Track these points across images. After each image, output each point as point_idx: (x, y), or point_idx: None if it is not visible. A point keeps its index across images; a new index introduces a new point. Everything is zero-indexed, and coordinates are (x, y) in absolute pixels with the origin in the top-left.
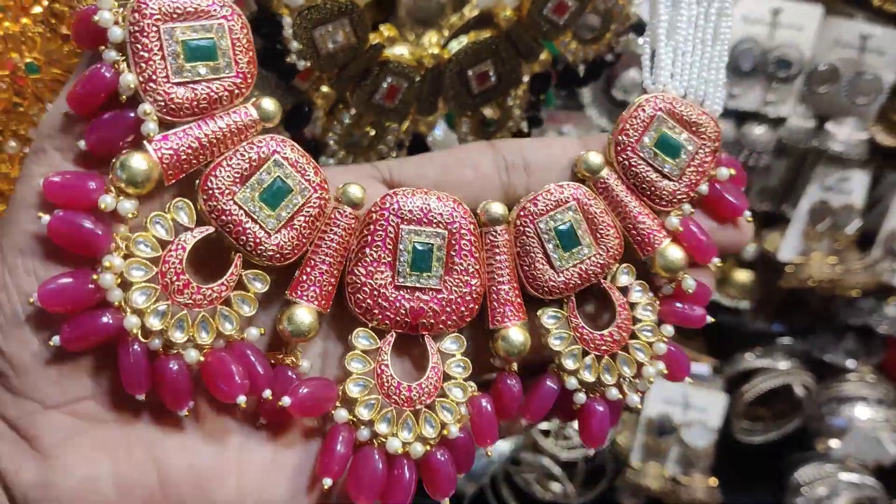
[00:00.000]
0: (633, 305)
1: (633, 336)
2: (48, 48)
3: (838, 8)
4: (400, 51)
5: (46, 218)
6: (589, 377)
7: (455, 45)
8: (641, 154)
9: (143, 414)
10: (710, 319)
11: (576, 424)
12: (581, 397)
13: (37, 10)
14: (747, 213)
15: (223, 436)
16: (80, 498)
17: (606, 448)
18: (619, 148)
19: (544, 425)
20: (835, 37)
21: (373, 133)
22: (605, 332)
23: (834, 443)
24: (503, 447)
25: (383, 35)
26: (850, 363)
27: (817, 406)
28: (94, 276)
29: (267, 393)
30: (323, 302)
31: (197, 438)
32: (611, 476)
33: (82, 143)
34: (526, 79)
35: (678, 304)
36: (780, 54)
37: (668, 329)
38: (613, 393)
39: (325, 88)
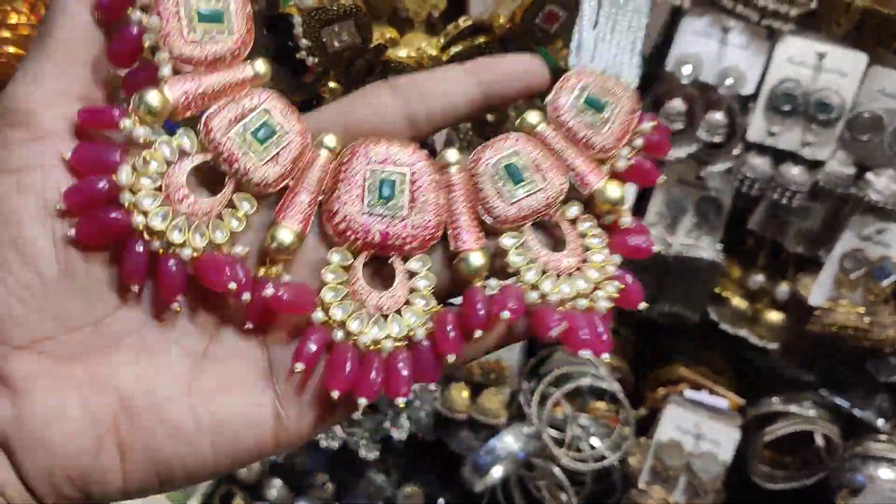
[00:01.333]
0: (582, 236)
1: (585, 262)
2: None
3: (885, 58)
4: (402, 52)
5: (68, 153)
6: (548, 289)
7: (454, 49)
8: (573, 111)
9: (102, 350)
10: (655, 249)
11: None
12: (565, 289)
13: None
14: (661, 178)
15: (175, 365)
16: (52, 424)
17: (617, 467)
18: (553, 107)
19: (555, 433)
20: (880, 86)
21: None
22: (559, 254)
23: (854, 500)
24: (512, 445)
25: (385, 36)
26: (880, 423)
27: (841, 460)
28: (109, 178)
29: (246, 296)
30: (302, 225)
31: (150, 368)
32: (619, 496)
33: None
34: None
35: (626, 236)
36: (822, 97)
37: (616, 258)
38: (581, 303)
39: (332, 84)
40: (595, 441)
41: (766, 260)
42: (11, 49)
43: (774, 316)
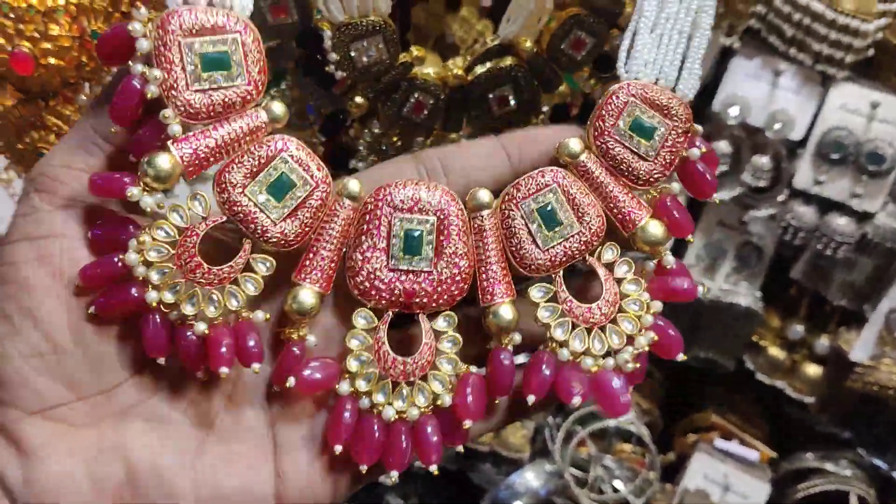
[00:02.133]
0: (619, 281)
1: (621, 311)
2: (110, 21)
3: None
4: (427, 69)
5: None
6: (578, 347)
7: (478, 69)
8: (617, 137)
9: (113, 419)
10: (700, 292)
11: (607, 460)
12: (588, 362)
13: None
14: (716, 197)
15: (183, 437)
16: (59, 491)
17: None
18: (596, 133)
19: (578, 473)
20: None
21: (399, 143)
22: (593, 305)
23: None
24: (533, 482)
25: (412, 54)
26: None
27: None
28: (121, 256)
29: (255, 366)
30: (324, 284)
31: (157, 440)
32: None
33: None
34: (546, 108)
35: (667, 279)
36: (874, 148)
37: (657, 305)
38: (609, 363)
39: (358, 99)
40: (618, 484)
41: (807, 311)
42: (52, 60)
43: (813, 369)
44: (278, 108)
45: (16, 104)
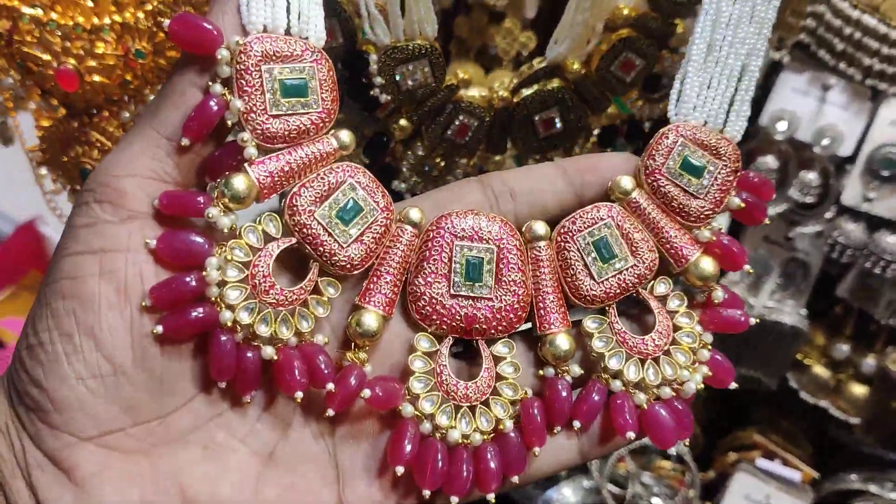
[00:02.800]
0: (671, 314)
1: (674, 342)
2: (154, 40)
3: None
4: (473, 92)
5: (153, 242)
6: (633, 377)
7: (525, 91)
8: (668, 175)
9: (169, 445)
10: (752, 321)
11: (645, 477)
12: (641, 398)
13: (148, 7)
14: (766, 220)
15: (243, 466)
16: None
17: None
18: (647, 171)
19: (616, 490)
20: None
21: (443, 165)
22: (646, 337)
23: None
24: (569, 498)
25: (458, 77)
26: None
27: None
28: (200, 274)
29: (330, 386)
30: (387, 308)
31: (216, 469)
32: None
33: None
34: (596, 131)
35: (718, 310)
36: None
37: (708, 336)
38: (666, 391)
39: (402, 122)
40: (657, 501)
41: (853, 329)
42: (97, 78)
43: (858, 389)
44: (346, 136)
45: (60, 119)
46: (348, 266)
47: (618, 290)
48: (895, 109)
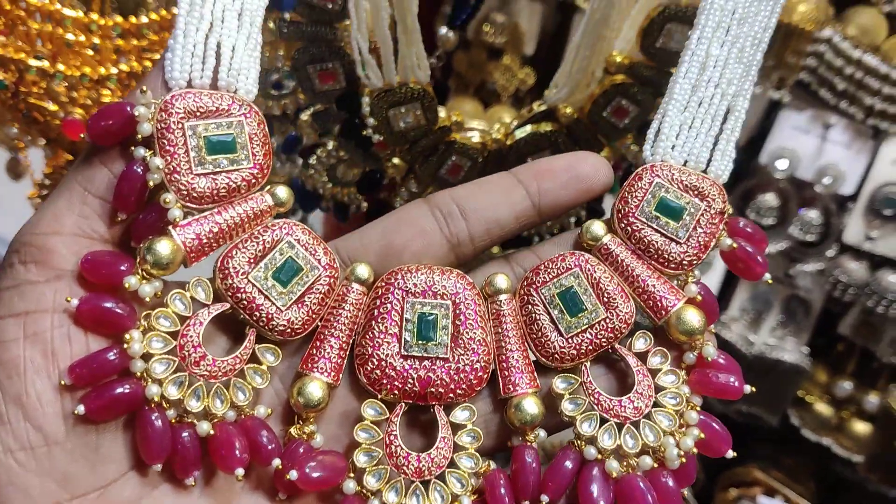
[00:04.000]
0: (653, 373)
1: (657, 405)
2: None
3: None
4: (468, 133)
5: (75, 301)
6: (608, 444)
7: (519, 133)
8: (642, 218)
9: (157, 487)
10: (747, 389)
11: None
12: (613, 465)
13: (156, 56)
14: (767, 276)
15: None
16: None
17: None
18: (619, 215)
19: None
20: None
21: None
22: (624, 398)
23: None
24: None
25: (451, 119)
26: None
27: None
28: (122, 347)
29: (276, 462)
30: (333, 374)
31: None
32: None
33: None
34: None
35: (709, 372)
36: None
37: (697, 399)
38: (647, 461)
39: (396, 160)
40: None
41: (855, 367)
42: None
43: (861, 427)
44: (283, 191)
45: (66, 165)
46: (288, 331)
47: (590, 347)
48: None
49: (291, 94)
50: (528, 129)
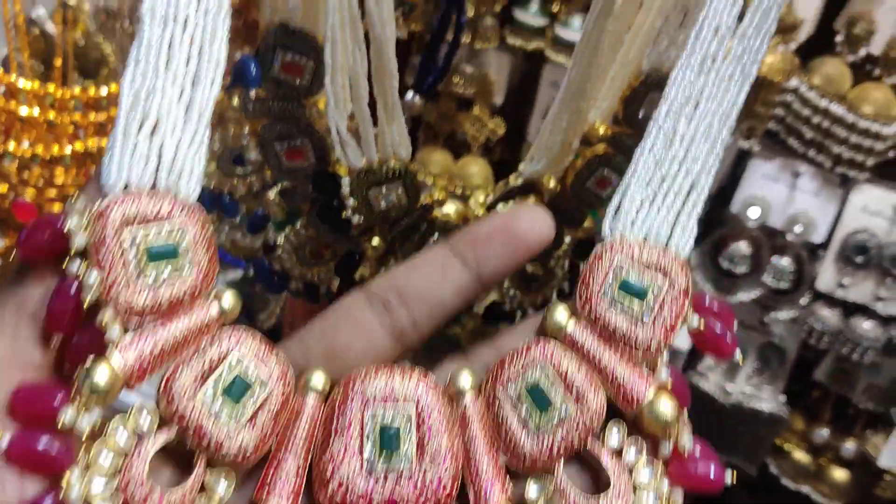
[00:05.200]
0: (629, 469)
1: None
2: None
3: None
4: (448, 209)
5: (6, 439)
6: None
7: (500, 207)
8: (606, 301)
9: None
10: (728, 480)
11: None
12: None
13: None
14: (738, 354)
15: None
16: None
17: None
18: (582, 299)
19: None
20: None
21: None
22: (601, 500)
23: None
24: None
25: (433, 196)
26: None
27: None
28: (58, 492)
29: None
30: (292, 499)
31: None
32: None
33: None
34: (567, 240)
35: (688, 465)
36: None
37: (678, 495)
38: None
39: (375, 240)
40: None
41: (832, 414)
42: (57, 207)
43: (840, 473)
44: (229, 299)
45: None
46: (240, 458)
47: (562, 449)
48: (865, 196)
49: (258, 171)
50: (510, 202)
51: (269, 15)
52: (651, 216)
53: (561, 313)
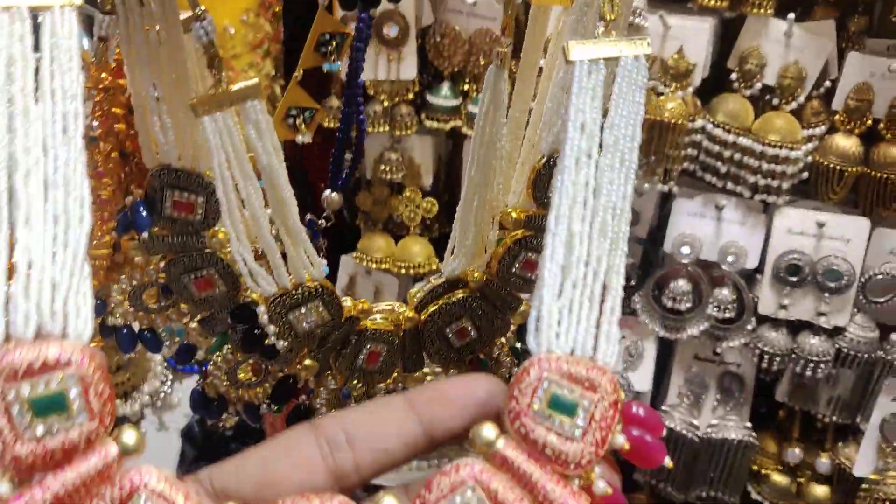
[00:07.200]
0: None
1: None
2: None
3: (888, 218)
4: (376, 316)
5: None
6: None
7: (431, 307)
8: (536, 418)
9: None
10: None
11: None
12: None
13: None
14: (667, 460)
15: None
16: None
17: None
18: (511, 416)
19: None
20: (888, 247)
21: (361, 386)
22: None
23: None
24: None
25: (357, 307)
26: None
27: None
28: None
29: None
30: None
31: None
32: None
33: None
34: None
35: None
36: (829, 265)
37: None
38: None
39: (307, 361)
40: None
41: (800, 431)
42: None
43: (820, 490)
44: (130, 437)
45: None
46: None
47: None
48: (788, 218)
49: (173, 304)
50: (440, 301)
51: (149, 160)
52: (573, 328)
53: (489, 431)
